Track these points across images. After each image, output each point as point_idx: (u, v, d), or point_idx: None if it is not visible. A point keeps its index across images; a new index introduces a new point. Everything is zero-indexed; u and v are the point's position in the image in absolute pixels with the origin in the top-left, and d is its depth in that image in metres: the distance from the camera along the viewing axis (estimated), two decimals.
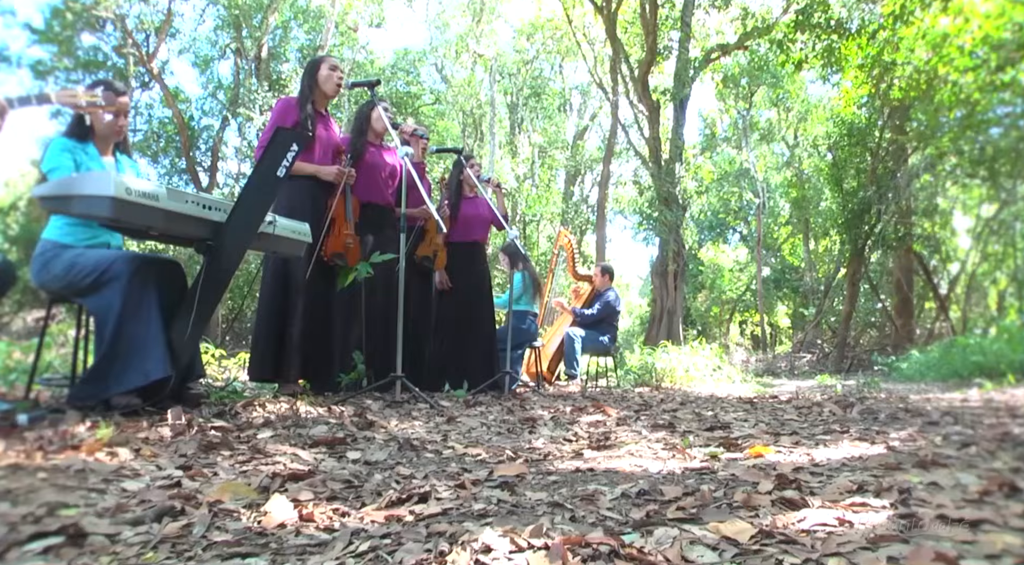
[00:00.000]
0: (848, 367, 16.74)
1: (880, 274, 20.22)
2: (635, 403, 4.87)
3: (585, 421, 3.53)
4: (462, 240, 6.07)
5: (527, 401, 4.90)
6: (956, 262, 20.75)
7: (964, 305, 20.21)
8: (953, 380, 9.66)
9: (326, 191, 4.58)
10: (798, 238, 25.93)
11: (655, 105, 16.61)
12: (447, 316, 5.94)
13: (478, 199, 6.24)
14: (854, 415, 3.54)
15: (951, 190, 18.32)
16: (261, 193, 3.27)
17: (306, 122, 4.49)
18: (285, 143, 3.22)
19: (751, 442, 2.61)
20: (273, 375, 4.40)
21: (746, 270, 26.68)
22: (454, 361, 5.83)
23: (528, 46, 27.79)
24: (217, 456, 2.28)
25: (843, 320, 18.34)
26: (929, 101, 12.20)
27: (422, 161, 5.41)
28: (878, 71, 12.65)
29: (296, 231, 3.71)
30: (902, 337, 17.39)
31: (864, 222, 16.88)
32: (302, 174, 4.48)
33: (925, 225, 18.59)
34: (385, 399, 4.30)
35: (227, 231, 3.22)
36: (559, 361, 8.31)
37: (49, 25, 24.19)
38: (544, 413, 3.97)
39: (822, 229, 23.00)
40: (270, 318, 4.38)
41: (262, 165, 3.24)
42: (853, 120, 16.68)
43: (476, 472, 2.14)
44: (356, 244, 4.65)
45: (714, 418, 3.56)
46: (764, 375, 15.03)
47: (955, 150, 14.50)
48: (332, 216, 4.53)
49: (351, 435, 2.81)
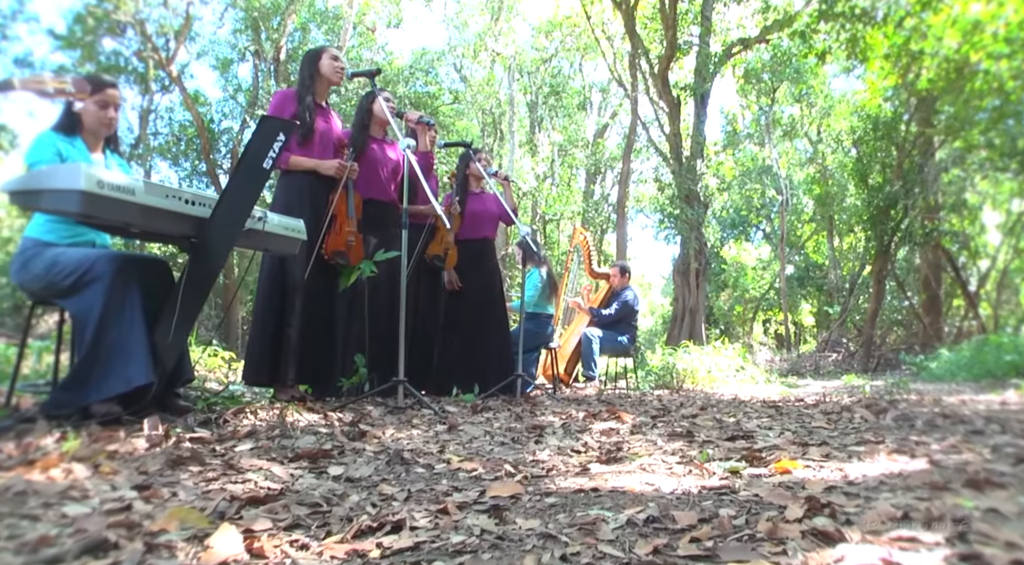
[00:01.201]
0: (875, 366, 16.40)
1: (907, 271, 19.85)
2: (653, 408, 4.63)
3: (597, 429, 3.29)
4: (470, 237, 5.83)
5: (539, 406, 4.67)
6: (986, 258, 20.36)
7: (995, 302, 19.77)
8: (986, 380, 9.33)
9: (327, 186, 4.37)
10: (822, 235, 25.53)
11: (675, 101, 16.36)
12: (457, 316, 5.71)
13: (485, 194, 6.01)
14: (888, 422, 3.27)
15: (980, 184, 17.88)
16: (246, 186, 3.06)
17: (305, 115, 4.29)
18: (271, 132, 3.00)
19: (776, 455, 2.36)
20: (269, 379, 4.19)
21: (769, 268, 26.26)
22: (465, 363, 5.60)
23: (547, 44, 27.56)
24: (184, 472, 2.06)
25: (869, 318, 17.96)
26: (959, 91, 11.81)
27: (429, 151, 5.18)
28: (905, 61, 12.28)
29: (289, 228, 3.49)
30: (930, 336, 17.01)
31: (890, 218, 16.53)
32: (301, 169, 4.29)
33: (953, 221, 18.18)
34: (387, 404, 4.08)
35: (211, 227, 3.01)
36: (577, 362, 8.07)
37: (71, 31, 24.35)
38: (555, 419, 3.73)
39: (847, 226, 22.61)
40: (266, 319, 4.17)
41: (247, 156, 3.02)
42: (878, 114, 16.32)
43: (466, 492, 1.91)
44: (358, 242, 4.44)
45: (736, 425, 3.31)
46: (789, 375, 14.69)
47: (985, 143, 14.10)
48: (333, 213, 4.32)
49: (339, 447, 2.59)
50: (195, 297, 3.13)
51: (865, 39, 12.06)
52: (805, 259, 26.34)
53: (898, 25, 11.73)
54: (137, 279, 3.09)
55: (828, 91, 22.31)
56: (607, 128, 29.75)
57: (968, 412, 3.75)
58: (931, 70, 12.09)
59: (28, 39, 22.94)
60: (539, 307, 6.92)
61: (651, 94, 18.35)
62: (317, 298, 4.29)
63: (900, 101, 15.62)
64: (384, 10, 26.33)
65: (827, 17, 12.25)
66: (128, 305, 3.03)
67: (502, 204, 5.62)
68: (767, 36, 16.52)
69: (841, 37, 12.34)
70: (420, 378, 5.37)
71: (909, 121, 15.93)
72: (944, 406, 4.29)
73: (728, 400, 5.33)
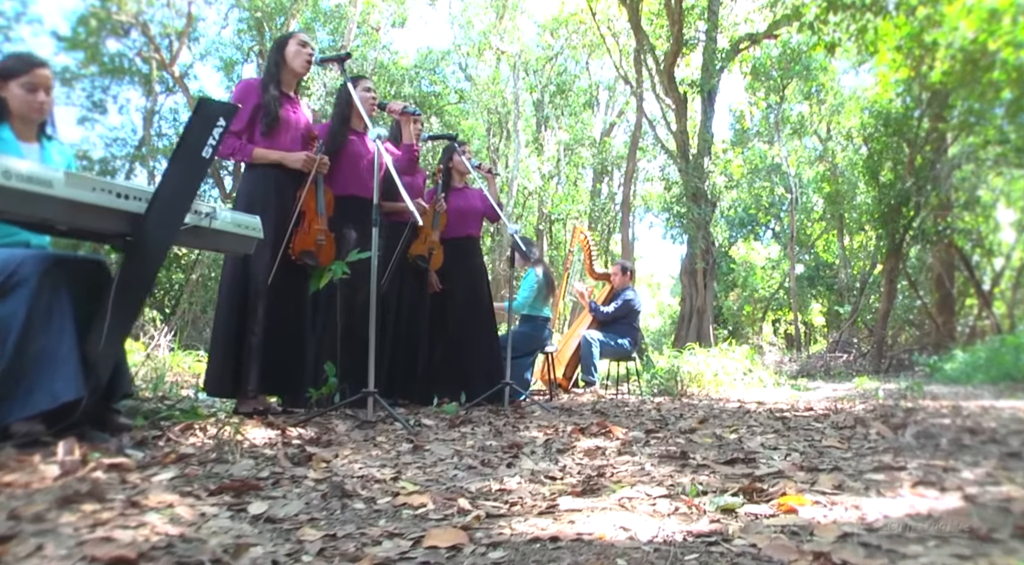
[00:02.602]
0: (887, 368, 16.06)
1: (919, 270, 19.50)
2: (649, 419, 4.28)
3: (582, 447, 2.95)
4: (454, 235, 5.48)
5: (526, 417, 4.33)
6: (1000, 257, 20.00)
7: (1010, 302, 19.37)
8: (1005, 383, 8.95)
9: (295, 181, 4.04)
10: (832, 234, 25.27)
11: (682, 98, 16.04)
12: (441, 320, 5.37)
13: (469, 190, 5.67)
14: (908, 439, 2.92)
15: (994, 181, 17.48)
16: (184, 178, 2.72)
17: (270, 105, 3.96)
18: (210, 117, 2.67)
19: (780, 485, 2.01)
20: (231, 390, 3.85)
21: (779, 267, 25.90)
22: (451, 369, 5.27)
23: (552, 42, 27.25)
24: (74, 513, 1.73)
25: (880, 318, 17.60)
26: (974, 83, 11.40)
27: (413, 143, 4.84)
28: (917, 53, 11.87)
29: (243, 225, 3.15)
30: (943, 335, 16.68)
31: (901, 216, 16.21)
32: (266, 162, 3.95)
33: (966, 218, 17.79)
34: (358, 417, 3.74)
35: (146, 224, 2.67)
36: (576, 366, 7.72)
37: (75, 32, 24.25)
38: (538, 435, 3.39)
39: (857, 224, 22.34)
40: (228, 324, 3.83)
41: (183, 145, 2.69)
42: (889, 110, 15.96)
43: (399, 540, 1.57)
44: (330, 241, 4.11)
45: (737, 444, 2.96)
46: (798, 377, 14.32)
47: (999, 138, 13.71)
48: (301, 209, 3.98)
49: (277, 475, 2.25)
50: (131, 301, 2.79)
51: (876, 30, 11.65)
52: (815, 258, 26.12)
53: (910, 15, 11.33)
54: (68, 282, 2.77)
55: (838, 88, 21.99)
56: (614, 127, 29.41)
57: (995, 425, 3.40)
58: (945, 62, 11.69)
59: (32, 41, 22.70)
60: (535, 309, 6.57)
61: (657, 91, 18.03)
62: (285, 302, 3.95)
63: (912, 97, 15.24)
64: (388, 9, 26.08)
65: (836, 7, 11.83)
66: (56, 311, 2.70)
67: (487, 199, 5.26)
68: (775, 31, 16.20)
69: (851, 28, 11.93)
70: (404, 386, 5.05)
71: (921, 116, 15.56)
72: (968, 416, 3.93)
73: (732, 410, 4.97)
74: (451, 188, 5.58)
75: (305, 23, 25.80)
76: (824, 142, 23.89)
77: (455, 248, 5.44)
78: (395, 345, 4.99)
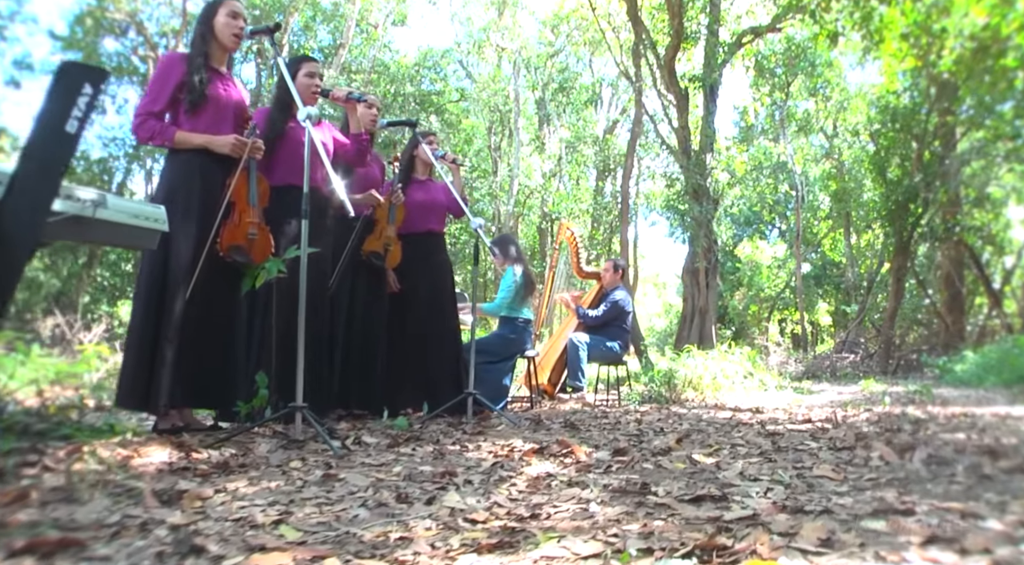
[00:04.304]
0: (894, 368, 15.66)
1: (927, 268, 19.14)
2: (625, 433, 3.82)
3: (528, 475, 2.49)
4: (414, 231, 5.02)
5: (484, 433, 3.86)
6: (1010, 254, 19.60)
7: (1022, 301, 18.93)
8: (1019, 386, 8.49)
9: (224, 168, 3.57)
10: (839, 232, 24.98)
11: (683, 93, 15.62)
12: (401, 322, 4.91)
13: (433, 182, 5.20)
14: (916, 465, 2.45)
15: (1005, 177, 17.02)
16: (46, 156, 2.28)
17: (194, 80, 3.51)
18: (73, 84, 2.23)
19: (751, 538, 1.56)
20: (143, 403, 3.39)
21: (785, 266, 25.50)
22: (413, 376, 4.82)
23: (553, 39, 26.85)
24: None
25: (888, 318, 17.19)
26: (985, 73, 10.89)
27: (362, 132, 4.36)
28: (924, 41, 11.36)
29: (140, 215, 2.72)
30: (952, 335, 16.27)
31: (909, 213, 15.82)
32: (189, 146, 3.50)
33: (976, 215, 17.40)
34: (288, 435, 3.29)
35: (4, 213, 2.24)
36: (563, 371, 7.26)
37: (72, 31, 24.02)
38: (487, 456, 2.93)
39: (864, 222, 22.04)
40: (143, 329, 3.37)
41: (42, 119, 2.25)
42: (896, 104, 15.53)
43: None
44: (265, 236, 3.64)
45: (713, 471, 2.50)
46: (803, 379, 13.85)
47: (1010, 133, 13.25)
48: (230, 200, 3.52)
49: (130, 520, 1.81)
50: None
51: (880, 18, 11.14)
52: (822, 257, 26.01)
53: (916, 1, 10.82)
54: None
55: (844, 84, 21.60)
56: (617, 124, 29.00)
57: (1017, 441, 2.94)
58: (953, 51, 11.18)
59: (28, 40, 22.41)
60: (513, 311, 6.10)
61: (658, 86, 17.62)
62: (213, 304, 3.49)
63: (919, 90, 14.80)
64: (387, 7, 25.76)
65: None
66: None
67: (451, 193, 4.78)
68: (778, 25, 15.78)
69: (854, 16, 11.42)
70: (361, 395, 4.61)
71: (929, 111, 15.12)
72: (984, 430, 3.47)
73: (722, 421, 4.50)
74: (413, 180, 5.13)
75: (304, 21, 25.53)
76: (830, 139, 23.58)
77: (416, 244, 4.97)
78: (348, 350, 4.52)
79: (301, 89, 3.95)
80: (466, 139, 27.27)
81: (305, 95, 4.00)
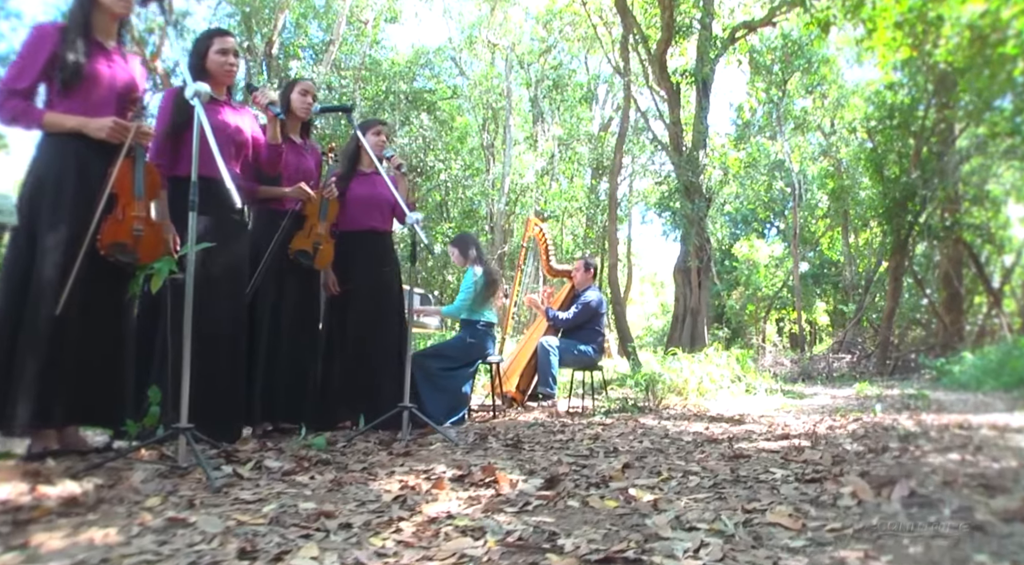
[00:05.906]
0: (891, 370, 15.35)
1: (925, 267, 18.85)
2: (572, 454, 3.41)
3: (424, 516, 2.08)
4: (355, 228, 4.59)
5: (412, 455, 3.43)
6: (1010, 253, 19.27)
7: (1022, 300, 18.58)
8: (1019, 391, 8.09)
9: (105, 155, 3.09)
10: (837, 231, 24.75)
11: (675, 88, 15.25)
12: (340, 326, 4.49)
13: (376, 176, 4.66)
14: (893, 506, 2.03)
15: (1004, 174, 16.68)
16: None
17: (68, 55, 3.03)
18: None
19: None
20: None
21: (782, 265, 25.19)
22: (354, 384, 4.40)
23: (545, 35, 26.48)
24: None
25: (885, 317, 16.92)
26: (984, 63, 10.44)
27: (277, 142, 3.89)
28: (920, 30, 10.91)
29: None
30: (951, 335, 15.95)
31: (907, 211, 15.56)
32: (61, 130, 3.04)
33: (975, 213, 17.07)
34: (173, 459, 2.86)
35: None
36: (533, 376, 6.83)
37: None
38: (392, 489, 2.51)
39: (862, 220, 21.76)
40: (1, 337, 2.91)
41: None
42: (893, 100, 15.17)
43: None
44: (154, 232, 3.18)
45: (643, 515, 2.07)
46: (798, 381, 13.47)
47: (1010, 129, 12.86)
48: (112, 192, 3.06)
49: None
50: None
51: (873, 4, 10.67)
52: (819, 256, 25.90)
53: None
54: None
55: (841, 82, 21.33)
56: (611, 122, 28.65)
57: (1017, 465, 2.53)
58: (950, 40, 10.74)
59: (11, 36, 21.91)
60: (474, 313, 5.67)
61: (649, 81, 17.24)
62: (94, 308, 3.03)
63: (915, 84, 14.44)
64: (379, 4, 25.43)
65: None
66: None
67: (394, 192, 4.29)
68: (773, 19, 15.41)
69: (846, 3, 10.96)
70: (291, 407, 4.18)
71: (927, 107, 14.76)
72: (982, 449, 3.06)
73: (689, 437, 4.08)
74: (358, 172, 4.69)
75: (296, 18, 25.24)
76: (828, 137, 23.41)
77: (356, 242, 4.53)
78: (272, 358, 4.07)
79: (213, 66, 3.54)
80: (459, 137, 26.97)
81: (218, 74, 3.58)
